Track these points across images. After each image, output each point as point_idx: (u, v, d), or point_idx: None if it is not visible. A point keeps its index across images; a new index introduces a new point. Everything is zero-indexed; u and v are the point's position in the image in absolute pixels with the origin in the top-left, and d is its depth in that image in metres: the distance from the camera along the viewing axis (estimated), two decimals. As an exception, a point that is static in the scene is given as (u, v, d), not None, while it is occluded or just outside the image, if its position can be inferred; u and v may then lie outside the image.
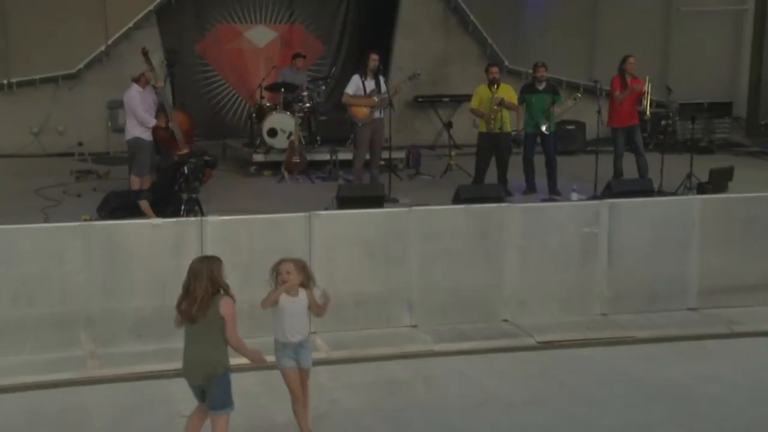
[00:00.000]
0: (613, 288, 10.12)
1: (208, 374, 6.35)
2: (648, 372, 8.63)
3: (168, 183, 10.49)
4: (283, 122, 14.14)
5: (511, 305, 9.89)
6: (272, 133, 14.16)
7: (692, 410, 7.85)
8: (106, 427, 7.38)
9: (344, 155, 14.14)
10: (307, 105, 14.58)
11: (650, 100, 13.39)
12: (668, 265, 10.24)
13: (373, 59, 12.75)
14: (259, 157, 14.34)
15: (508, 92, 12.96)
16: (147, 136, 11.68)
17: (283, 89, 14.54)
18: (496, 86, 12.84)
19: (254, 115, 14.84)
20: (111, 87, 15.04)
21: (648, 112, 13.47)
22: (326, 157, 14.36)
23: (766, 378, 8.57)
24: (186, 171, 10.38)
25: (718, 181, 12.84)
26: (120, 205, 10.70)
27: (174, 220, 9.41)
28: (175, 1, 16.16)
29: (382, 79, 12.95)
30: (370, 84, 12.77)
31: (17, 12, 15.23)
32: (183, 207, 10.38)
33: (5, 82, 15.33)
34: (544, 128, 12.96)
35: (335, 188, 11.79)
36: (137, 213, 10.37)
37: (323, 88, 15.64)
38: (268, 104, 14.72)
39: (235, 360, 6.60)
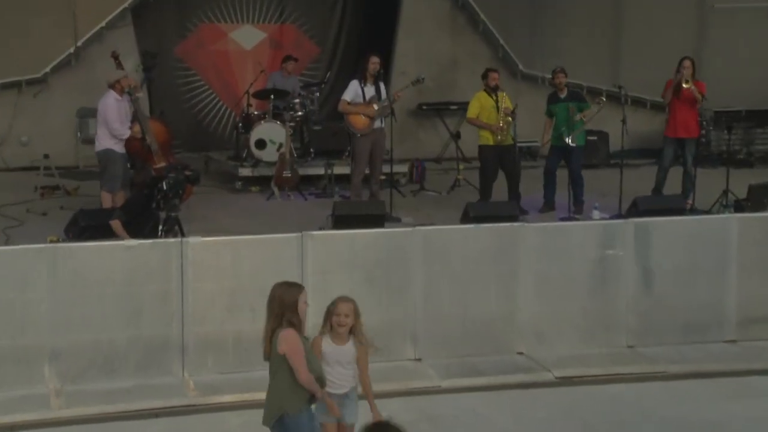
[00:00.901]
0: (640, 317, 10.09)
1: (274, 415, 6.26)
2: (681, 412, 8.60)
3: (144, 200, 10.48)
4: (272, 132, 14.14)
5: (526, 336, 9.86)
6: (260, 144, 14.16)
7: (731, 455, 7.82)
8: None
9: (341, 169, 14.13)
10: (300, 113, 14.59)
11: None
12: (703, 292, 10.21)
13: (373, 62, 12.77)
14: (245, 172, 14.34)
15: (508, 101, 12.96)
16: (119, 147, 11.67)
17: (272, 96, 14.55)
18: (497, 94, 12.83)
19: (240, 124, 14.84)
20: (81, 93, 15.04)
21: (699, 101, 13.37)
22: (321, 171, 14.36)
23: (814, 419, 8.54)
24: (164, 187, 10.37)
25: (758, 198, 12.81)
26: (90, 225, 10.66)
27: (151, 241, 9.41)
28: (152, -2, 16.23)
29: (382, 85, 12.97)
30: (370, 90, 12.78)
31: (-25, 10, 15.27)
32: (161, 227, 10.36)
33: (-38, 87, 15.37)
34: (569, 140, 12.89)
35: (330, 206, 11.76)
36: (109, 234, 10.35)
37: (317, 94, 15.64)
38: (255, 113, 14.73)
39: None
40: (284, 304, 6.23)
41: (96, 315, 8.85)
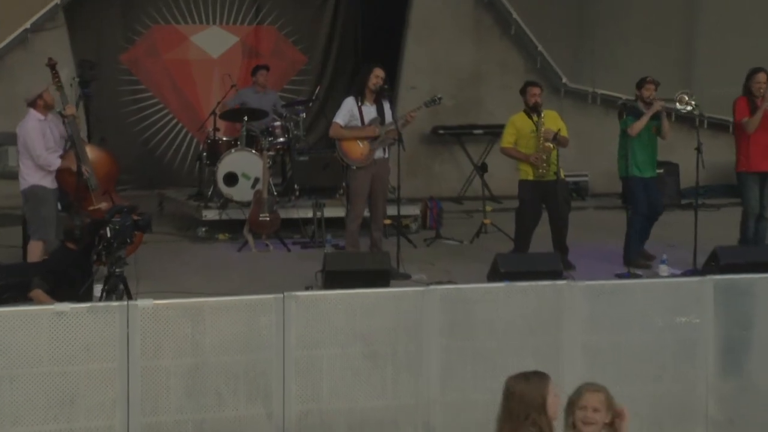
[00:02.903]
0: (723, 403, 10.02)
1: None
2: None
3: (71, 255, 10.44)
4: (245, 164, 14.16)
5: (575, 429, 9.78)
6: (231, 179, 14.16)
7: None
8: None
9: (333, 211, 14.17)
10: (281, 140, 14.61)
11: None
12: (805, 372, 10.16)
13: (375, 76, 12.77)
14: (211, 215, 14.35)
15: (555, 122, 12.91)
16: (50, 182, 11.69)
17: (246, 118, 14.56)
18: (539, 115, 12.78)
19: (205, 154, 14.86)
20: (-1, 114, 15.09)
21: None
22: (307, 213, 14.36)
23: None
24: (107, 235, 10.34)
25: None
26: (11, 284, 10.66)
27: (88, 305, 9.33)
28: (92, -8, 16.33)
29: (386, 104, 12.97)
30: (370, 111, 12.78)
31: None
32: (102, 287, 10.33)
33: None
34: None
35: (320, 259, 11.75)
36: (35, 295, 10.36)
37: (303, 115, 15.67)
38: (224, 139, 14.76)
39: None
40: (529, 404, 6.04)
41: (14, 402, 8.77)
